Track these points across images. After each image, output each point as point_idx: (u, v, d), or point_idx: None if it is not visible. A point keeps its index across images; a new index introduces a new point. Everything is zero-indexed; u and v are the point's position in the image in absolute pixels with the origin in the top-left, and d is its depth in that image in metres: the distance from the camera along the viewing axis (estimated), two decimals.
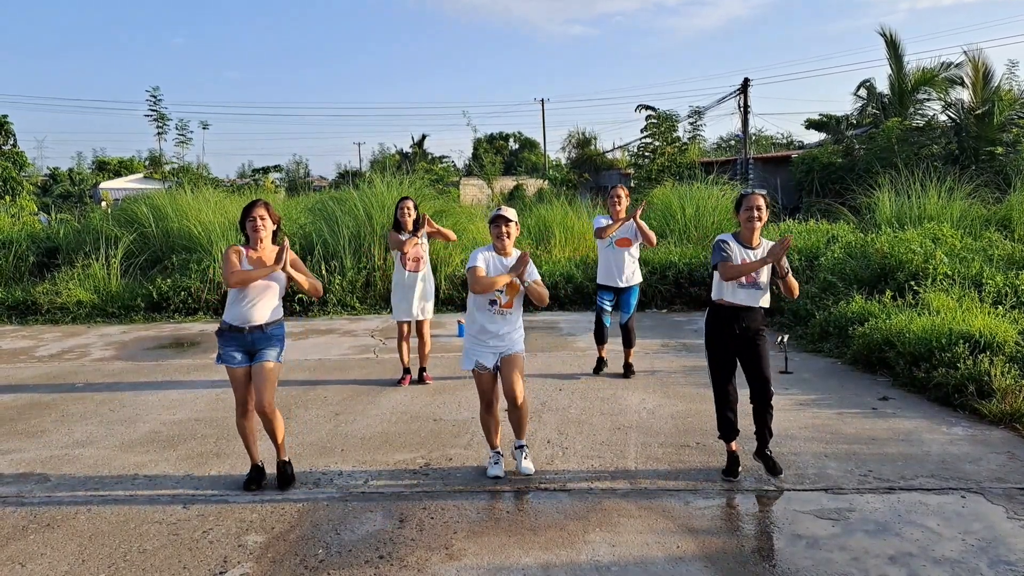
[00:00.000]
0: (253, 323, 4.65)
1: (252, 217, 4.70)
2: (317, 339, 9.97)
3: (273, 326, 4.72)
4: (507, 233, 4.79)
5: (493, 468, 4.89)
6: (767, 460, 4.80)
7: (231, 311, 4.68)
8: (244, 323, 4.64)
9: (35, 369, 8.54)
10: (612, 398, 6.71)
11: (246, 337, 4.66)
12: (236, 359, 4.67)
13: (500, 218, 4.80)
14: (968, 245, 10.02)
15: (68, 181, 40.55)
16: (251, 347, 4.69)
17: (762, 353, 4.72)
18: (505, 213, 4.81)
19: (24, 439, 5.92)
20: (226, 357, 4.70)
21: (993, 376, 6.02)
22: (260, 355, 4.68)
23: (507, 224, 4.79)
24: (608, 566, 3.71)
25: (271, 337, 4.71)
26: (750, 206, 4.66)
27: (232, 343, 4.68)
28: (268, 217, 4.73)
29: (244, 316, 4.64)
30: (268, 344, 4.70)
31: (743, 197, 4.75)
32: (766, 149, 41.53)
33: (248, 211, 4.73)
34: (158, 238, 13.86)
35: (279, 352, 4.77)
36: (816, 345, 8.51)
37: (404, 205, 7.30)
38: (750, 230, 4.68)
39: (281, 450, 4.87)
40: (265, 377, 4.65)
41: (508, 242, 4.81)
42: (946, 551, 3.77)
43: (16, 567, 3.82)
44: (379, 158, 50.82)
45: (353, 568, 3.75)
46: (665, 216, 14.77)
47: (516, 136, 61.17)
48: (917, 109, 22.55)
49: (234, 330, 4.66)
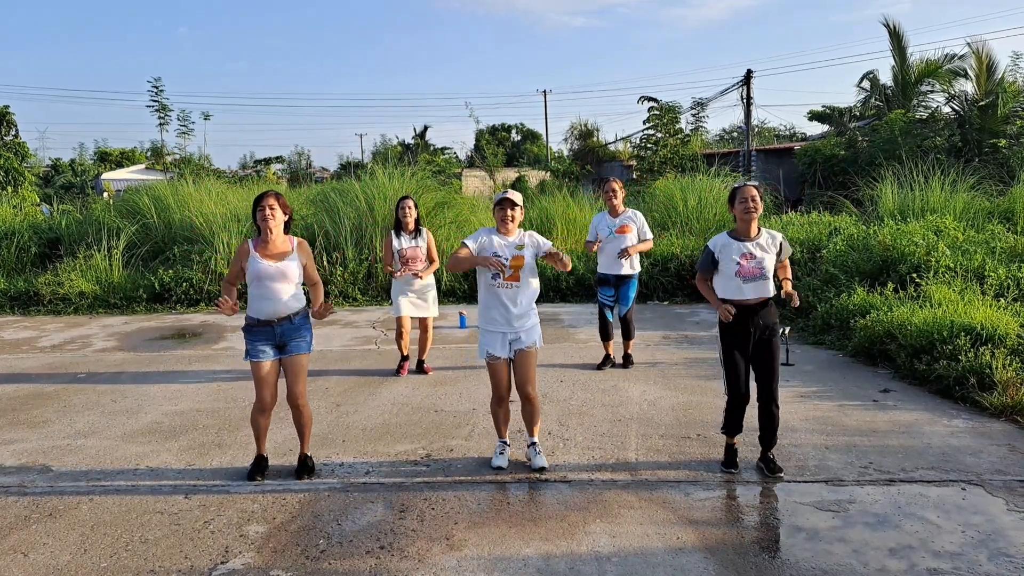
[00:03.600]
0: (280, 315, 4.61)
1: (262, 206, 4.62)
2: (319, 330, 9.98)
3: (299, 315, 4.69)
4: (511, 217, 4.78)
5: (498, 458, 4.89)
6: (768, 462, 4.72)
7: (255, 306, 4.62)
8: (272, 316, 4.60)
9: (37, 359, 8.56)
10: (613, 389, 6.71)
11: (275, 330, 4.62)
12: (266, 353, 4.62)
13: (506, 200, 4.78)
14: (971, 237, 10.01)
15: (70, 172, 40.61)
16: (280, 340, 4.65)
17: (774, 350, 4.65)
18: (511, 196, 4.80)
19: (26, 429, 5.94)
20: (255, 352, 4.62)
21: (994, 368, 6.02)
22: (293, 347, 4.66)
23: (512, 208, 4.78)
24: (608, 557, 3.72)
25: (299, 327, 4.68)
26: (744, 197, 4.60)
27: (260, 337, 4.62)
28: (278, 207, 4.64)
29: (270, 309, 4.59)
30: (298, 335, 4.67)
31: (736, 190, 4.69)
32: (769, 141, 41.45)
33: (258, 201, 4.66)
34: (160, 229, 13.88)
35: (310, 341, 4.76)
36: (818, 337, 8.51)
37: (405, 204, 7.25)
38: (746, 222, 4.63)
39: (306, 442, 4.88)
40: (300, 370, 4.68)
41: (511, 226, 4.80)
42: (946, 543, 3.78)
43: (19, 556, 3.84)
44: (381, 149, 50.86)
45: (354, 558, 3.76)
46: (667, 208, 14.74)
47: (518, 127, 61.01)
48: (920, 101, 22.50)
49: (262, 324, 4.61)
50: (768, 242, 4.66)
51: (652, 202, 15.45)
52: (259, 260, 4.61)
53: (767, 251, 4.62)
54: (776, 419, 4.72)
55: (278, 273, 4.59)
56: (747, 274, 4.59)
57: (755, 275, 4.58)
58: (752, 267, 4.57)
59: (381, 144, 56.85)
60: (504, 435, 5.00)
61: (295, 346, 4.67)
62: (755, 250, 4.60)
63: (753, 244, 4.63)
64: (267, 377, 4.65)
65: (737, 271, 4.60)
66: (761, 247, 4.62)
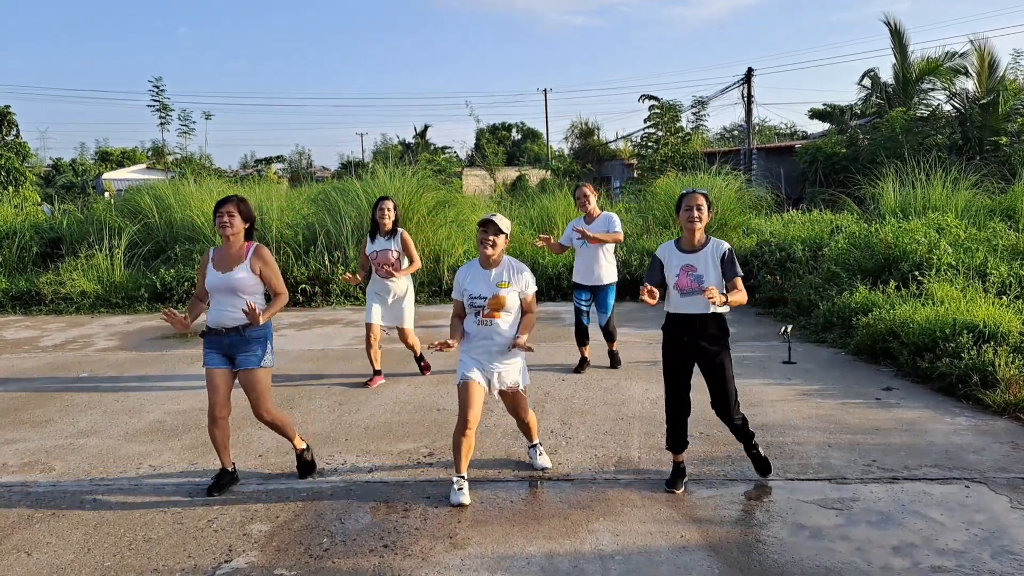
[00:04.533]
0: (226, 326, 4.43)
1: (220, 213, 4.46)
2: (321, 329, 9.98)
3: (252, 328, 4.43)
4: (492, 243, 4.34)
5: (456, 495, 4.33)
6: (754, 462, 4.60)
7: (210, 313, 4.53)
8: (218, 325, 4.45)
9: (39, 359, 8.57)
10: (615, 388, 6.71)
11: (223, 340, 4.45)
12: (215, 361, 4.48)
13: (488, 223, 4.36)
14: (972, 235, 10.00)
15: (71, 172, 40.62)
16: (229, 351, 4.47)
17: (718, 365, 4.37)
18: (496, 220, 4.36)
19: (29, 429, 5.94)
20: (205, 358, 4.52)
21: (997, 366, 6.01)
22: (242, 360, 4.45)
23: (496, 234, 4.34)
24: (612, 555, 3.72)
25: (250, 340, 4.44)
26: (689, 205, 4.34)
27: (211, 345, 4.50)
28: (238, 215, 4.47)
29: (217, 319, 4.46)
30: (247, 348, 4.44)
31: (682, 196, 4.42)
32: (769, 139, 41.43)
33: (217, 208, 4.50)
34: (161, 228, 13.88)
35: (263, 355, 4.49)
36: (819, 335, 8.50)
37: (383, 205, 6.81)
38: (689, 231, 4.37)
39: (294, 439, 4.73)
40: (253, 386, 4.46)
41: (492, 252, 4.36)
42: (950, 541, 3.77)
43: (22, 556, 3.84)
44: (381, 149, 50.84)
45: (358, 557, 3.76)
46: (668, 207, 14.71)
47: (519, 126, 61.04)
48: (921, 99, 22.50)
49: (212, 332, 4.48)
50: (712, 255, 4.36)
51: (653, 201, 15.45)
52: (211, 271, 4.50)
53: (708, 265, 4.34)
54: (742, 431, 4.52)
55: (224, 284, 4.43)
56: (684, 287, 4.35)
57: (693, 289, 4.31)
58: (691, 281, 4.33)
59: (382, 143, 56.87)
60: (462, 470, 4.37)
61: (244, 360, 4.45)
62: (695, 263, 4.35)
63: (695, 256, 4.38)
64: (215, 384, 4.47)
65: (675, 283, 4.38)
66: (702, 260, 4.35)
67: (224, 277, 4.45)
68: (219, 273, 4.47)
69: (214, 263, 4.52)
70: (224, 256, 4.52)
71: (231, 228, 4.46)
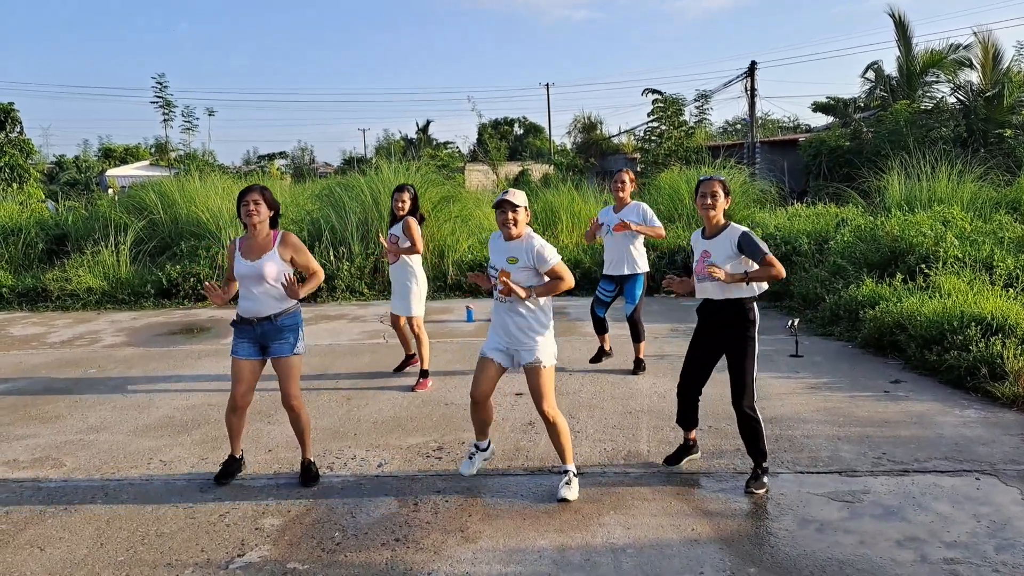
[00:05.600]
0: (259, 315, 4.46)
1: (246, 202, 4.46)
2: (327, 325, 9.99)
3: (284, 316, 4.50)
4: (513, 220, 4.24)
5: (464, 464, 4.61)
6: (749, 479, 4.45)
7: (240, 303, 4.56)
8: (251, 315, 4.49)
9: (47, 355, 8.59)
10: (623, 382, 6.71)
11: (255, 329, 4.48)
12: (245, 351, 4.52)
13: (504, 203, 4.24)
14: (978, 228, 9.98)
15: (74, 169, 40.63)
16: (262, 340, 4.51)
17: (735, 354, 4.39)
18: (509, 197, 4.25)
19: (39, 425, 5.96)
20: (234, 348, 4.55)
21: (1005, 358, 6.01)
22: (275, 349, 4.51)
23: (513, 210, 4.24)
24: (623, 548, 3.73)
25: (282, 328, 4.49)
26: (703, 192, 4.40)
27: (242, 335, 4.54)
28: (263, 202, 4.47)
29: (249, 308, 4.49)
30: (280, 336, 4.49)
31: (698, 184, 4.48)
32: (773, 132, 41.27)
33: (242, 196, 4.50)
34: (167, 225, 13.91)
35: (296, 342, 4.54)
36: (827, 328, 8.50)
37: (397, 196, 6.87)
38: (706, 219, 4.45)
39: (307, 448, 4.67)
40: (286, 372, 4.51)
41: (515, 229, 4.27)
42: (960, 533, 3.77)
43: (35, 551, 3.86)
44: (384, 144, 50.78)
45: (370, 551, 3.77)
46: (672, 200, 14.72)
47: (521, 121, 60.99)
48: (926, 91, 22.40)
49: (244, 322, 4.52)
50: (728, 240, 4.38)
51: (657, 195, 15.42)
52: (239, 259, 4.52)
53: (724, 250, 4.37)
54: (748, 425, 4.36)
55: (253, 273, 4.44)
56: (700, 272, 4.42)
57: (707, 275, 4.33)
58: (705, 266, 4.37)
59: (384, 139, 56.82)
60: (476, 437, 4.60)
61: (277, 348, 4.50)
62: (712, 248, 4.41)
63: (711, 242, 4.44)
64: (241, 375, 4.52)
65: (695, 269, 4.49)
66: (718, 246, 4.39)
67: (253, 265, 4.46)
68: (247, 261, 4.49)
69: (241, 252, 4.54)
70: (251, 244, 4.53)
71: (257, 216, 4.46)
